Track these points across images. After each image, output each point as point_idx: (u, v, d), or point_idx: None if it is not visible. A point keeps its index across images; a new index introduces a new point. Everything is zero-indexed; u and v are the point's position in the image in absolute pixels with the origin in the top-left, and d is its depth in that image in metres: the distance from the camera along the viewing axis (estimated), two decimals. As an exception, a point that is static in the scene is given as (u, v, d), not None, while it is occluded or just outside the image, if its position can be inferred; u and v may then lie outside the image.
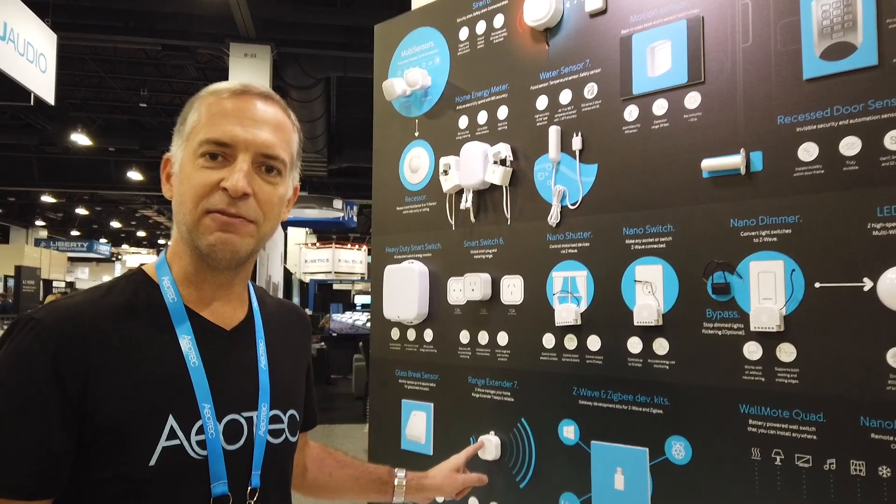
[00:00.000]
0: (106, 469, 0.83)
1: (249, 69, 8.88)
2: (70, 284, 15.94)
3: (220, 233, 0.90)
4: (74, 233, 26.17)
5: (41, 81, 5.54)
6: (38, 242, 22.25)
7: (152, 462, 0.83)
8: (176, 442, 0.86)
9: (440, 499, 1.67)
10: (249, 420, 0.95)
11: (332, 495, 1.34)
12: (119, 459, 0.83)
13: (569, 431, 1.45)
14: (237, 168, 0.90)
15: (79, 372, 0.82)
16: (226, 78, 8.12)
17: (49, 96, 5.73)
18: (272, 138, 0.94)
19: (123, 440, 0.83)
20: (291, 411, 1.04)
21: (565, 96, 1.51)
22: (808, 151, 1.19)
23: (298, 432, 1.08)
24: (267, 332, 1.04)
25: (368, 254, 17.31)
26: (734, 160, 1.25)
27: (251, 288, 1.08)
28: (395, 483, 1.35)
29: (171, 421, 0.86)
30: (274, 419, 0.99)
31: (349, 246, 17.20)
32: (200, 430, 0.88)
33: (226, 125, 0.91)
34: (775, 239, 1.21)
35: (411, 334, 1.79)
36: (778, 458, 1.18)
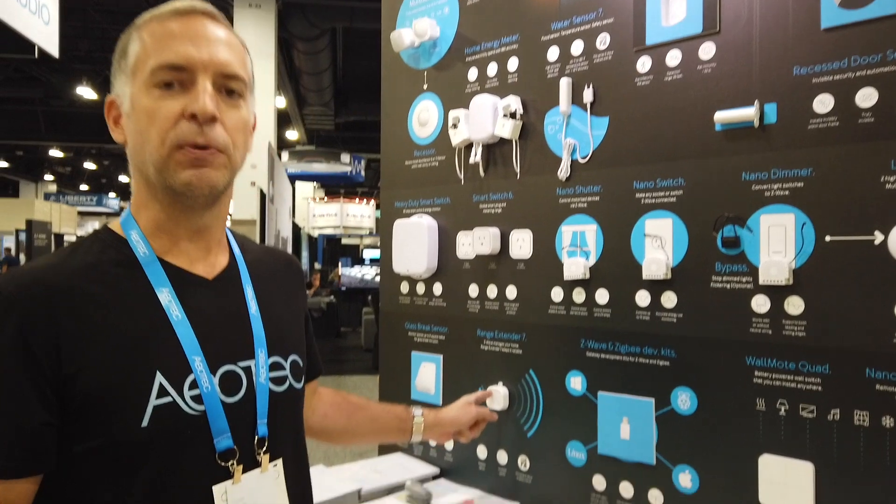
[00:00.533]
0: (97, 437, 0.78)
1: (254, 20, 8.73)
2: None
3: (193, 169, 0.83)
4: (83, 187, 26.24)
5: (44, 33, 5.46)
6: (47, 196, 22.33)
7: (144, 423, 0.78)
8: (168, 399, 0.80)
9: (449, 447, 1.71)
10: (247, 370, 0.90)
11: (352, 439, 1.34)
12: (109, 425, 0.78)
13: (576, 382, 1.48)
14: (199, 90, 0.83)
15: (49, 339, 0.77)
16: (230, 29, 7.99)
17: (53, 48, 5.65)
18: (229, 56, 0.87)
19: (110, 405, 0.78)
20: (293, 357, 0.99)
21: (577, 47, 1.49)
22: (823, 103, 1.17)
23: (304, 379, 1.03)
24: (254, 278, 0.98)
25: (377, 208, 17.30)
26: (748, 112, 1.23)
27: (230, 234, 1.02)
28: (414, 420, 1.35)
29: (159, 378, 0.80)
30: (274, 366, 0.95)
31: (357, 200, 17.18)
32: (194, 385, 0.82)
33: (177, 47, 0.83)
34: (787, 192, 1.20)
35: (421, 288, 1.81)
36: (783, 408, 1.20)
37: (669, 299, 1.33)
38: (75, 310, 0.79)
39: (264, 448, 0.89)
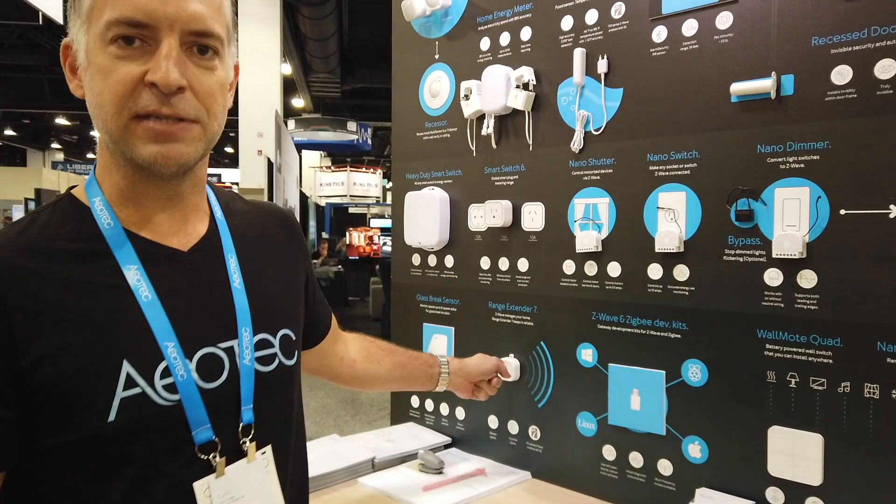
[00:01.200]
0: (63, 433, 0.71)
1: (259, -15, 8.62)
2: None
3: (157, 144, 0.74)
4: (90, 155, 26.23)
5: None
6: (55, 165, 22.36)
7: (111, 418, 0.71)
8: (136, 391, 0.73)
9: (461, 416, 1.74)
10: (230, 351, 0.82)
11: (381, 384, 1.32)
12: (74, 420, 0.71)
13: (587, 354, 1.49)
14: (163, 54, 0.71)
15: (1, 328, 0.69)
16: (235, -5, 7.91)
17: (57, 14, 5.60)
18: (201, 8, 0.74)
19: (74, 398, 0.71)
20: (284, 331, 0.90)
21: (591, 16, 1.47)
22: (841, 74, 1.15)
23: (297, 352, 0.94)
24: (239, 245, 0.89)
25: (383, 177, 17.25)
26: (765, 84, 1.21)
27: (212, 194, 0.91)
28: (440, 365, 1.38)
29: (126, 367, 0.73)
30: (261, 344, 0.86)
31: (364, 169, 17.12)
32: (167, 373, 0.75)
33: None
34: (802, 165, 1.20)
35: (432, 260, 1.82)
36: (793, 380, 1.21)
37: (682, 272, 1.34)
38: (28, 294, 0.71)
39: (250, 435, 0.82)
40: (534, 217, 1.58)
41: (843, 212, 1.16)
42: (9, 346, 0.69)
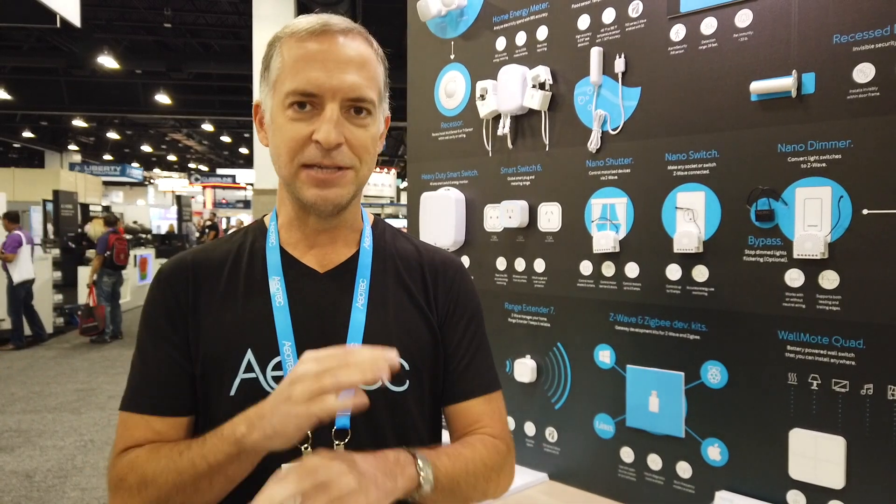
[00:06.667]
0: (207, 397, 0.92)
1: (273, -14, 8.65)
2: (106, 208, 16.22)
3: (317, 189, 0.91)
4: (107, 157, 26.49)
5: (66, 2, 5.46)
6: (72, 167, 22.59)
7: (232, 392, 0.90)
8: (252, 375, 0.90)
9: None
10: None
11: None
12: (212, 388, 0.92)
13: (604, 356, 1.48)
14: (326, 118, 0.89)
15: (184, 313, 0.94)
16: (250, -4, 7.99)
17: (75, 17, 5.66)
18: (358, 80, 0.91)
19: (214, 372, 0.92)
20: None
21: (608, 15, 1.46)
22: (863, 72, 1.14)
23: (412, 383, 0.97)
24: (377, 273, 1.00)
25: (397, 177, 17.26)
26: (785, 82, 1.20)
27: (367, 228, 1.04)
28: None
29: (249, 355, 0.91)
30: None
31: (378, 169, 17.14)
32: (278, 367, 0.90)
33: (310, 72, 0.89)
34: (824, 164, 1.18)
35: (448, 260, 1.81)
36: (815, 382, 1.19)
37: (701, 273, 1.33)
38: (204, 292, 0.95)
39: (345, 440, 0.90)
40: (550, 217, 1.57)
41: (865, 211, 1.14)
42: (187, 327, 0.93)
